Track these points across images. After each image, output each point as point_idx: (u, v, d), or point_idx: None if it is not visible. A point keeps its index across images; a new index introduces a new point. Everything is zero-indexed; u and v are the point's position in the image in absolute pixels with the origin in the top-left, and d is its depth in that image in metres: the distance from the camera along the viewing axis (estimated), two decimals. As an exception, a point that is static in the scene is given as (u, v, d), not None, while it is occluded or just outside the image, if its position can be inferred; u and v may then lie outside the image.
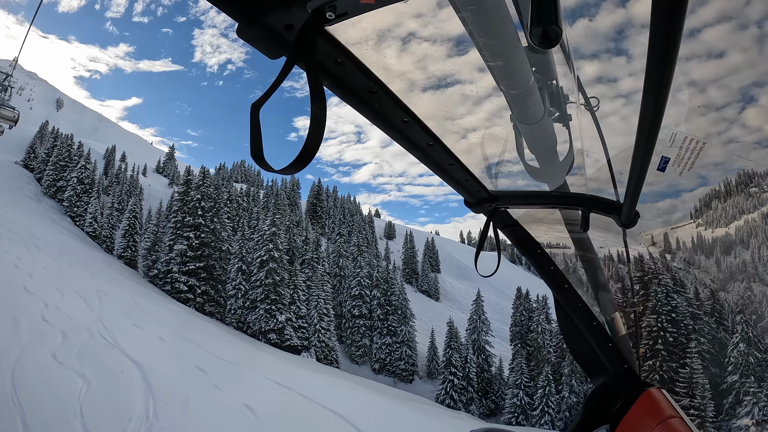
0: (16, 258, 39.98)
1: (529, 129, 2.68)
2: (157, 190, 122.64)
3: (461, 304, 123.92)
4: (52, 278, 37.07)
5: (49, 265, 43.26)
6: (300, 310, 72.19)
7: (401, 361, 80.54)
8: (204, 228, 73.98)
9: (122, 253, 78.49)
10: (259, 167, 1.71)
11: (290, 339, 67.68)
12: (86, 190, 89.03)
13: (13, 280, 31.31)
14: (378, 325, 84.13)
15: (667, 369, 54.21)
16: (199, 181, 77.54)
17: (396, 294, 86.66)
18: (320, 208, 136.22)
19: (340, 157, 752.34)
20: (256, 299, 69.05)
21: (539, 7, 1.05)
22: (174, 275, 69.50)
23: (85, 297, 33.92)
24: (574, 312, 3.99)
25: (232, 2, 1.47)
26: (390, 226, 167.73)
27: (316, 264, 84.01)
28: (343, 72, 1.82)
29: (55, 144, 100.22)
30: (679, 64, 1.60)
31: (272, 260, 70.35)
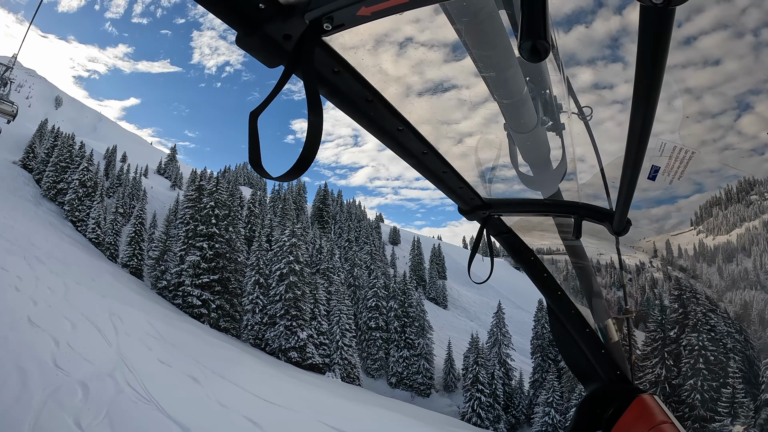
0: (16, 278, 33.81)
1: (523, 137, 2.69)
2: (159, 193, 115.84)
3: (469, 312, 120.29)
4: (59, 303, 31.45)
5: (54, 284, 37.04)
6: (321, 326, 65.45)
7: (419, 375, 75.49)
8: (218, 238, 66.80)
9: (127, 261, 72.13)
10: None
11: (312, 357, 61.46)
12: (88, 194, 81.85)
13: (15, 309, 25.95)
14: (395, 338, 78.71)
15: (708, 389, 52.00)
16: (212, 187, 70.17)
17: (413, 305, 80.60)
18: (326, 213, 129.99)
19: (336, 160, 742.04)
20: (276, 315, 62.71)
21: (528, 22, 1.06)
22: (186, 288, 62.49)
23: (98, 326, 28.82)
24: (567, 318, 3.92)
25: (232, 12, 1.50)
26: (395, 232, 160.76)
27: (332, 274, 77.49)
28: (340, 81, 1.84)
29: (55, 144, 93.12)
30: (675, 71, 1.93)
31: (292, 273, 63.86)
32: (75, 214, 79.52)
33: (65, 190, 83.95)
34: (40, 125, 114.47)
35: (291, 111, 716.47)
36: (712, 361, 52.96)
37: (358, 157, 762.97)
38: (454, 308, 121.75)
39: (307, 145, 1.38)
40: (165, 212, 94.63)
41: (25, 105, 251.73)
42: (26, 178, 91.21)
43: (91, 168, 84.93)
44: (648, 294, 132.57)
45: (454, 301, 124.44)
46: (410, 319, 79.41)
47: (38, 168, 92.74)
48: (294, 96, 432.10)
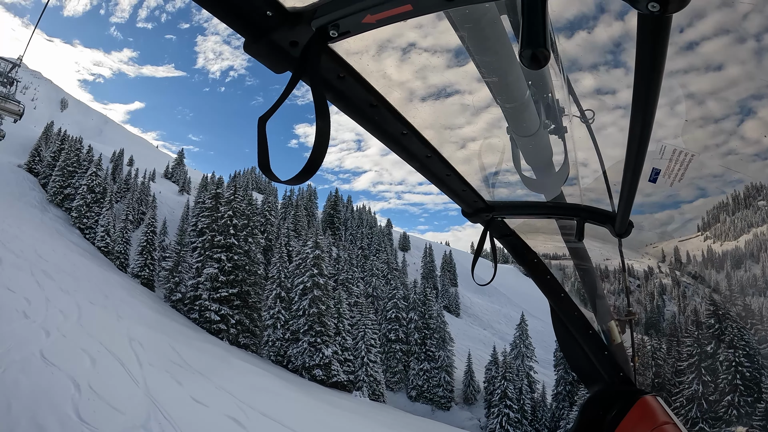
0: (24, 301, 28.88)
1: (525, 141, 2.71)
2: (168, 198, 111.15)
3: (482, 320, 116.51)
4: (74, 330, 27.29)
5: (66, 305, 32.45)
6: (345, 342, 60.89)
7: (439, 388, 72.16)
8: (236, 249, 62.04)
9: (139, 272, 67.41)
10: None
11: (337, 374, 57.13)
12: (97, 200, 77.01)
13: (25, 342, 21.56)
14: (415, 350, 75.18)
15: (744, 404, 50.80)
16: (229, 195, 65.53)
17: (434, 317, 76.74)
18: (337, 219, 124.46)
19: (340, 165, 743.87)
20: (299, 330, 58.17)
21: (528, 30, 1.08)
22: (204, 303, 57.83)
23: (120, 357, 24.77)
24: (570, 320, 3.86)
25: (240, 19, 1.53)
26: (405, 238, 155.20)
27: (351, 285, 74.06)
28: (345, 86, 1.86)
29: (62, 147, 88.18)
30: (677, 76, 2.02)
31: (316, 287, 59.19)
32: (83, 221, 75.09)
33: (72, 195, 79.63)
34: (45, 128, 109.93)
35: (294, 115, 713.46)
36: (748, 377, 51.78)
37: (361, 161, 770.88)
38: (467, 316, 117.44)
39: (315, 149, 1.41)
40: (174, 218, 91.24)
41: (31, 107, 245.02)
42: (32, 183, 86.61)
43: (99, 173, 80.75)
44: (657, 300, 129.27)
45: (466, 309, 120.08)
46: (430, 331, 75.72)
47: (44, 172, 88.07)
48: (297, 101, 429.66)
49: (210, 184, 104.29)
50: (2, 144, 50.04)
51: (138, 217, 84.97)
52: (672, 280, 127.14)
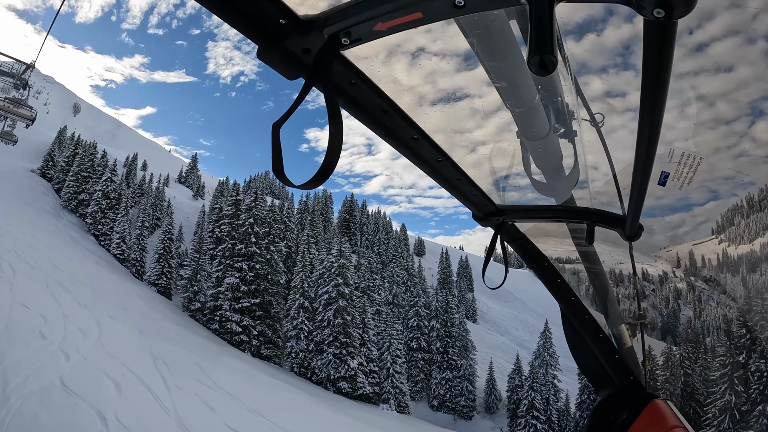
0: (41, 319, 27.07)
1: (535, 145, 2.71)
2: (182, 203, 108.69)
3: (499, 326, 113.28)
4: (95, 351, 25.56)
5: (84, 321, 30.70)
6: (371, 353, 58.85)
7: (461, 397, 69.91)
8: (258, 258, 59.53)
9: (156, 280, 64.89)
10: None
11: (362, 387, 55.28)
12: (112, 206, 74.76)
13: (44, 369, 19.91)
14: (437, 359, 72.70)
15: None
16: (250, 202, 63.10)
17: (456, 324, 74.56)
18: (353, 224, 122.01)
19: (350, 169, 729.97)
20: (323, 342, 56.28)
21: (536, 37, 1.09)
22: (225, 314, 55.62)
23: (145, 380, 23.60)
24: (581, 324, 3.87)
25: (254, 27, 1.56)
26: (420, 243, 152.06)
27: (373, 293, 70.99)
28: (357, 92, 1.88)
29: (76, 152, 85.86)
30: (688, 78, 2.05)
31: (341, 297, 57.17)
32: (97, 227, 73.03)
33: (87, 201, 77.55)
34: (59, 132, 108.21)
35: (305, 120, 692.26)
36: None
37: (371, 165, 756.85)
38: (484, 322, 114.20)
39: (328, 155, 1.43)
40: (189, 224, 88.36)
41: (43, 111, 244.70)
42: (45, 188, 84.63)
43: (114, 178, 78.64)
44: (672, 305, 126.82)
45: (483, 315, 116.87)
46: (452, 339, 73.38)
47: (58, 177, 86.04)
48: (308, 106, 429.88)
49: (225, 189, 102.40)
50: (15, 148, 49.28)
51: (153, 223, 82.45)
52: (687, 284, 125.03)
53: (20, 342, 21.82)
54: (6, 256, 38.55)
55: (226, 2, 1.46)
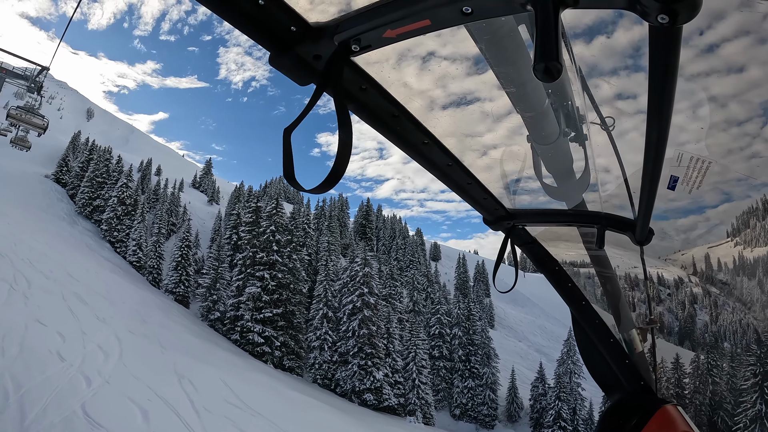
0: (58, 336, 24.99)
1: (545, 149, 2.71)
2: (197, 208, 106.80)
3: (517, 331, 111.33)
4: (117, 374, 23.33)
5: (104, 338, 28.67)
6: (396, 363, 56.97)
7: (483, 406, 67.82)
8: (280, 266, 57.72)
9: (173, 288, 63.56)
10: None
11: (388, 398, 53.66)
12: (128, 212, 73.34)
13: (64, 396, 17.87)
14: (459, 367, 70.53)
15: None
16: (271, 209, 61.24)
17: (478, 332, 72.49)
18: (369, 230, 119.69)
19: (362, 173, 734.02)
20: (348, 353, 54.57)
21: (541, 44, 1.10)
22: (246, 324, 53.83)
23: (173, 404, 21.39)
24: (591, 328, 3.80)
25: (266, 34, 1.57)
26: (436, 248, 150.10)
27: (395, 301, 69.68)
28: (367, 98, 1.89)
29: (90, 157, 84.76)
30: (699, 80, 2.06)
31: (366, 306, 55.28)
32: (113, 234, 71.64)
33: (102, 207, 76.20)
34: (73, 137, 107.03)
35: (316, 125, 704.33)
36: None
37: (383, 169, 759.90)
38: (501, 327, 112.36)
39: (338, 159, 1.44)
40: (205, 229, 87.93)
41: (57, 117, 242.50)
42: (60, 194, 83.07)
43: (130, 184, 77.16)
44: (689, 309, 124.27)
45: (500, 321, 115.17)
46: (475, 347, 71.32)
47: (72, 183, 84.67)
48: (319, 110, 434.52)
49: (242, 195, 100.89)
50: (29, 154, 48.31)
51: (168, 229, 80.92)
52: (702, 289, 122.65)
53: (37, 366, 19.76)
54: (20, 266, 36.81)
55: (239, 10, 1.48)
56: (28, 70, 35.58)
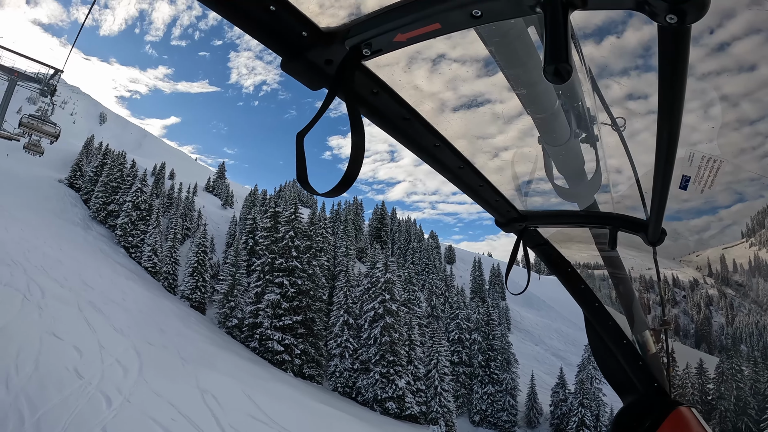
0: (75, 351, 24.06)
1: (556, 150, 2.69)
2: (212, 212, 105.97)
3: (533, 335, 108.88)
4: (138, 391, 22.40)
5: (122, 352, 27.71)
6: (417, 371, 55.42)
7: (503, 412, 65.74)
8: (300, 273, 56.20)
9: (189, 294, 62.05)
10: None
11: (410, 407, 52.14)
12: (142, 217, 71.88)
13: (84, 418, 17.41)
14: (479, 373, 68.31)
15: None
16: (289, 214, 59.82)
17: (497, 337, 70.38)
18: (384, 233, 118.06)
19: (374, 176, 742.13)
20: (369, 361, 52.99)
21: (551, 46, 1.11)
22: (265, 331, 52.46)
23: (198, 424, 21.04)
24: (604, 330, 3.76)
25: (277, 40, 1.59)
26: (450, 250, 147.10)
27: (415, 306, 68.51)
28: (379, 101, 1.90)
29: (104, 161, 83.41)
30: (710, 79, 2.05)
31: (388, 314, 53.63)
32: (128, 239, 70.23)
33: (116, 212, 75.03)
34: (86, 142, 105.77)
35: (328, 128, 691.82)
36: None
37: (394, 172, 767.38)
38: (518, 331, 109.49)
39: (351, 163, 1.44)
40: (220, 234, 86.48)
41: (70, 121, 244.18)
42: (73, 199, 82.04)
43: (145, 189, 75.80)
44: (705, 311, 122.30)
45: (516, 324, 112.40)
46: (495, 353, 69.23)
47: (86, 187, 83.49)
48: (330, 114, 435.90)
49: (257, 199, 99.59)
50: (42, 158, 47.54)
51: (183, 233, 79.76)
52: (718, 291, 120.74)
53: (54, 385, 18.84)
54: (34, 275, 35.73)
55: (250, 16, 1.48)
56: (40, 73, 34.87)
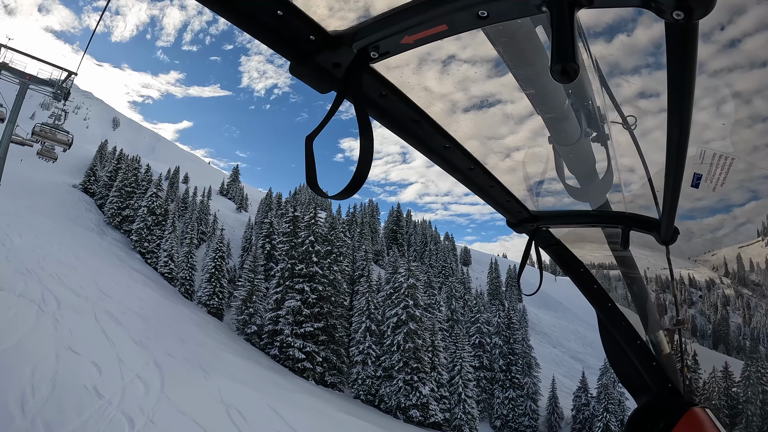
0: (93, 367, 22.67)
1: (567, 150, 2.66)
2: (227, 216, 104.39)
3: (551, 337, 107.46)
4: (161, 409, 21.01)
5: (143, 365, 26.47)
6: (441, 377, 53.85)
7: (524, 417, 64.12)
8: (320, 278, 54.87)
9: (207, 300, 60.84)
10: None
11: (434, 414, 50.48)
12: (158, 222, 70.71)
13: None
14: (500, 377, 66.54)
15: None
16: (309, 219, 58.52)
17: (519, 341, 68.88)
18: (400, 235, 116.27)
19: (386, 177, 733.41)
20: (392, 368, 51.58)
21: (557, 46, 1.11)
22: (286, 339, 51.18)
23: None
24: (618, 330, 3.70)
25: (285, 44, 1.59)
26: (466, 252, 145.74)
27: (435, 310, 67.01)
28: (388, 104, 1.89)
29: (118, 166, 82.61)
30: (722, 76, 2.04)
31: (412, 319, 52.23)
32: (143, 244, 69.08)
33: (131, 217, 73.92)
34: (100, 146, 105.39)
35: (339, 130, 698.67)
36: None
37: (407, 173, 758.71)
38: (535, 334, 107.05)
39: (359, 166, 1.45)
40: (235, 238, 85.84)
41: (83, 126, 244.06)
42: (88, 204, 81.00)
43: (160, 194, 74.70)
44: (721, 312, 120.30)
45: (534, 326, 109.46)
46: (515, 356, 67.68)
47: (100, 192, 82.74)
48: (342, 116, 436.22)
49: (272, 202, 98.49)
50: (56, 164, 45.80)
51: (198, 237, 78.43)
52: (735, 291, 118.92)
53: (72, 406, 17.52)
54: (49, 284, 34.54)
55: (258, 22, 1.49)
56: (52, 74, 34.08)
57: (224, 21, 1.47)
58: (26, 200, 65.40)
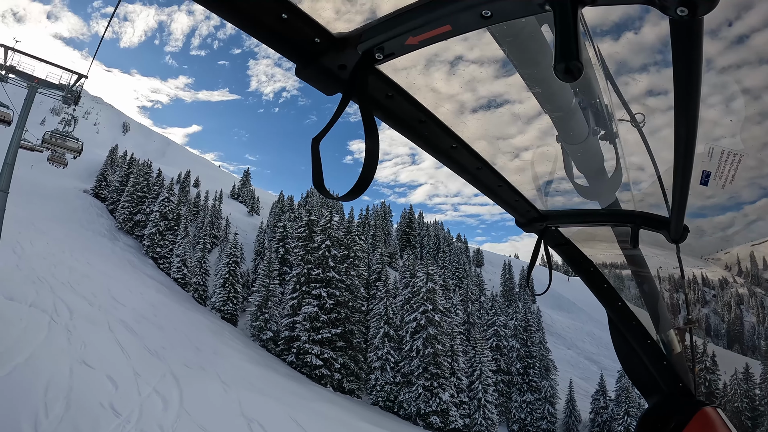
0: (109, 382, 21.34)
1: (575, 149, 2.66)
2: (238, 219, 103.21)
3: (565, 339, 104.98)
4: (181, 426, 19.84)
5: (159, 378, 25.25)
6: (461, 382, 52.80)
7: (542, 420, 62.65)
8: (337, 283, 53.81)
9: (221, 306, 60.03)
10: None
11: (454, 420, 49.53)
12: (170, 227, 69.91)
13: None
14: (517, 381, 64.90)
15: None
16: (325, 222, 57.47)
17: (536, 344, 67.31)
18: (413, 237, 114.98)
19: (395, 179, 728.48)
20: (411, 373, 50.50)
21: (561, 44, 1.11)
22: (303, 345, 50.17)
23: None
24: (628, 330, 3.63)
25: (291, 47, 1.60)
26: (479, 253, 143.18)
27: (452, 314, 63.70)
28: (394, 105, 1.89)
29: (129, 171, 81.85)
30: (730, 72, 2.04)
31: (431, 324, 51.05)
32: (156, 249, 68.35)
33: (143, 222, 73.26)
34: (110, 151, 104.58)
35: (348, 133, 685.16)
36: None
37: (416, 175, 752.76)
38: (549, 335, 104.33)
39: (365, 167, 1.45)
40: (248, 241, 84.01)
41: (93, 131, 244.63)
42: (99, 209, 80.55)
43: (172, 198, 73.91)
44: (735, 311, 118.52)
45: (548, 327, 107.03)
46: (533, 359, 66.15)
47: (111, 197, 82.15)
48: (350, 118, 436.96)
49: (284, 205, 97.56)
50: (67, 169, 44.89)
51: (211, 242, 77.50)
52: (748, 290, 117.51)
53: (89, 427, 16.31)
54: (61, 292, 33.45)
55: (263, 25, 1.49)
56: (62, 77, 32.98)
57: (232, 25, 1.47)
58: (37, 206, 64.73)
